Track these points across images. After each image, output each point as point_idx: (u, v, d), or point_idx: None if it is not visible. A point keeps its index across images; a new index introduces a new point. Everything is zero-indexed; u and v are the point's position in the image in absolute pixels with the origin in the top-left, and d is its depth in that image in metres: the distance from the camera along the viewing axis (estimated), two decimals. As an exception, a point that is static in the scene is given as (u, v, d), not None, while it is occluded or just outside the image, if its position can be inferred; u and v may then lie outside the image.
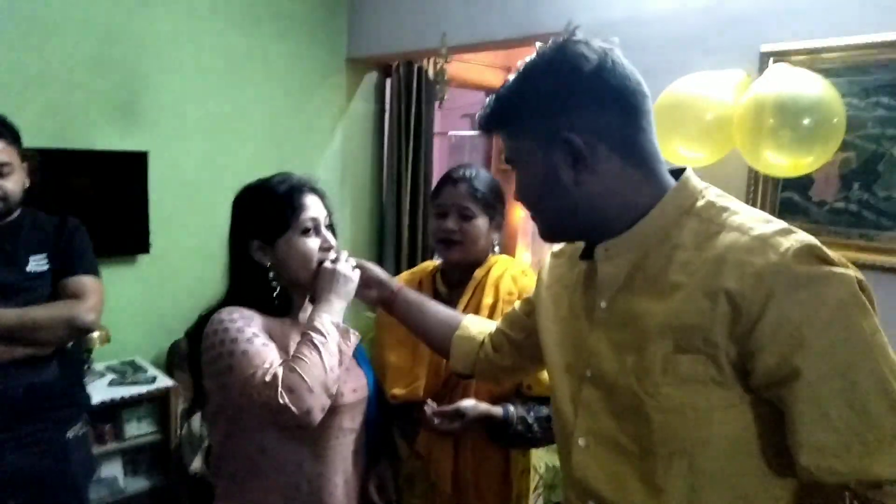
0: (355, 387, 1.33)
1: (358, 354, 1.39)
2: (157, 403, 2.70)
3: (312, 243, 1.27)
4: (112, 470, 2.58)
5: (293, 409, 1.07)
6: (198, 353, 1.21)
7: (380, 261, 3.79)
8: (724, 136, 1.92)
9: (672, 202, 0.85)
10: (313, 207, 1.28)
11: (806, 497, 0.81)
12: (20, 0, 2.50)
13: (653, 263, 0.84)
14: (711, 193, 0.87)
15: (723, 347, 0.76)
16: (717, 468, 0.79)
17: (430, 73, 3.50)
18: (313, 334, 1.16)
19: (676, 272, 0.81)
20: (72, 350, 1.81)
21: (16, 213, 1.75)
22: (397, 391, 1.47)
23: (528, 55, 0.90)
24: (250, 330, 1.17)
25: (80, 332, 1.76)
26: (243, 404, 1.16)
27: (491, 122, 0.93)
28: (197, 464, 2.61)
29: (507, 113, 0.90)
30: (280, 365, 1.12)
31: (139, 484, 2.67)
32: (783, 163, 1.82)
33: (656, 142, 0.88)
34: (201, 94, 3.02)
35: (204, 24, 3.00)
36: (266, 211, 1.27)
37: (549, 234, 0.95)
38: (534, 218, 0.95)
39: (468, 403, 1.35)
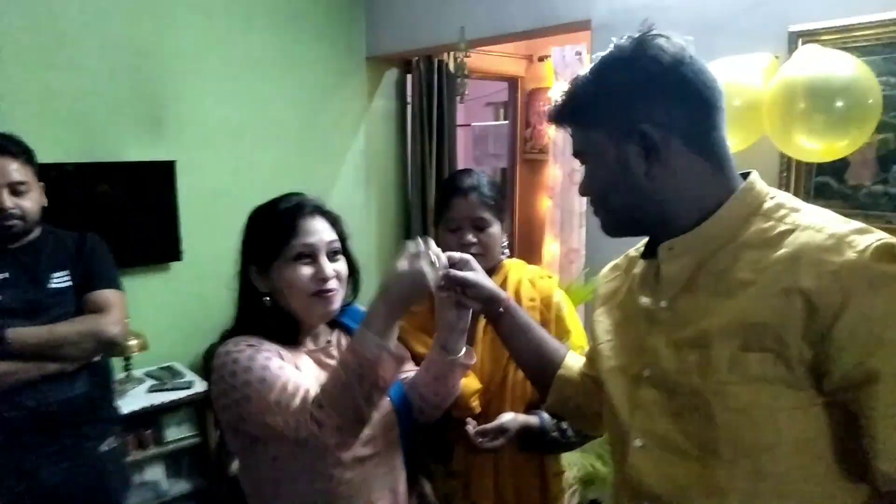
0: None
1: None
2: (195, 407, 2.75)
3: (304, 271, 1.17)
4: (154, 474, 2.64)
5: (322, 439, 1.04)
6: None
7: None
8: (754, 122, 1.86)
9: (741, 202, 0.85)
10: (311, 232, 1.19)
11: None
12: (46, 18, 2.54)
13: (718, 262, 0.84)
14: (781, 195, 0.87)
15: (795, 347, 0.74)
16: (782, 471, 0.77)
17: (451, 66, 3.47)
18: (350, 360, 1.05)
19: (744, 270, 0.81)
20: (100, 364, 1.84)
21: (36, 232, 1.78)
22: (454, 412, 1.39)
23: (550, 45, 0.90)
24: (262, 355, 1.12)
25: (106, 346, 1.79)
26: (267, 435, 1.12)
27: (564, 115, 0.93)
28: (236, 466, 2.65)
29: (581, 105, 0.90)
30: (306, 391, 1.07)
31: (181, 487, 2.72)
32: (817, 147, 1.75)
33: (727, 140, 0.88)
34: (224, 102, 3.05)
35: (222, 32, 3.02)
36: (260, 235, 1.22)
37: (614, 229, 0.94)
38: (597, 212, 0.95)
39: (508, 417, 1.34)
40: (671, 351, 0.86)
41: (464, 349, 1.25)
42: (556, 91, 3.79)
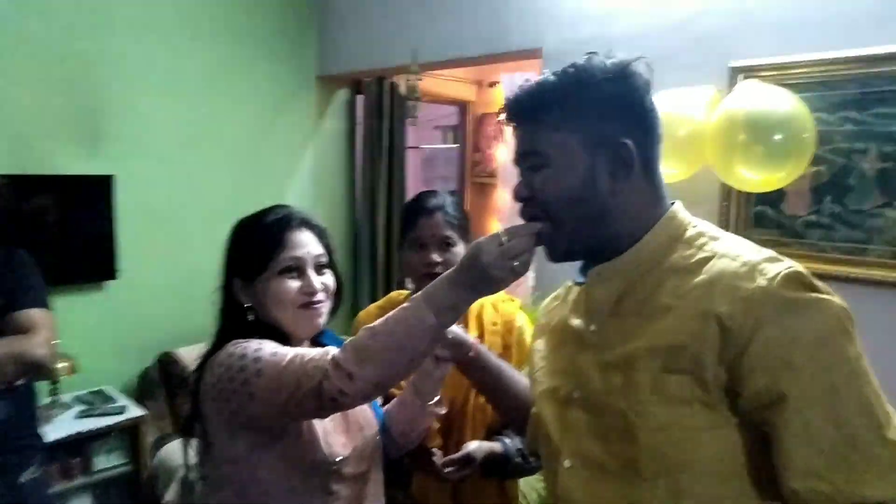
0: (363, 425, 1.22)
1: None
2: (127, 434, 2.62)
3: (291, 285, 1.15)
4: (81, 506, 2.49)
5: (349, 392, 0.95)
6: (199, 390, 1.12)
7: (355, 280, 3.75)
8: (696, 153, 1.93)
9: (664, 229, 0.88)
10: (299, 246, 1.17)
11: None
12: (-24, 22, 2.43)
13: (643, 288, 0.86)
14: (701, 224, 0.90)
15: (711, 369, 0.77)
16: (702, 490, 0.79)
17: (402, 88, 3.48)
18: (411, 323, 0.95)
19: (667, 295, 0.83)
20: (22, 388, 1.73)
21: None
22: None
23: (500, 71, 0.90)
24: (271, 343, 1.09)
25: (31, 369, 1.67)
26: (274, 421, 1.07)
27: (530, 110, 0.89)
28: (171, 495, 2.53)
29: (556, 104, 0.87)
30: (326, 350, 1.01)
31: (108, 520, 2.58)
32: (755, 178, 1.82)
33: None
34: (168, 116, 2.96)
35: (169, 44, 2.95)
36: (245, 248, 1.19)
37: (563, 249, 0.90)
38: (546, 231, 0.88)
39: (474, 446, 1.32)
40: (598, 373, 0.87)
41: (437, 397, 1.24)
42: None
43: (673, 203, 0.91)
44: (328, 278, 1.21)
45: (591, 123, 0.86)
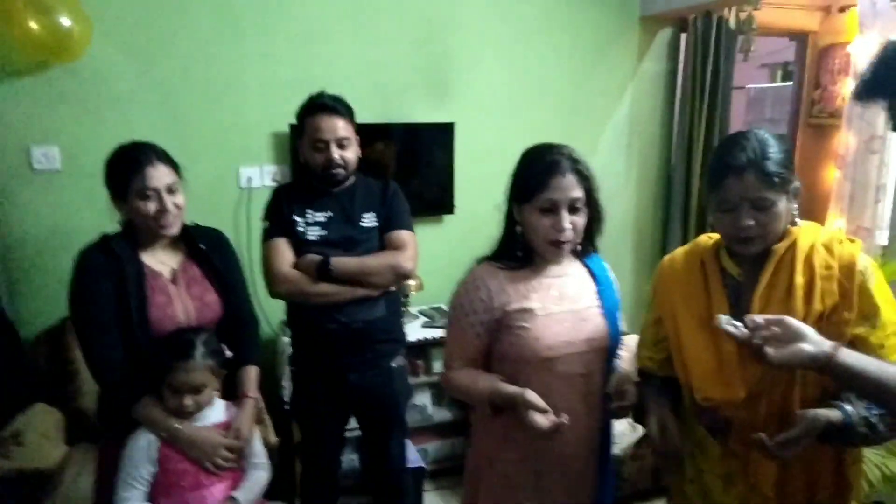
0: (589, 334, 1.49)
1: (604, 301, 1.53)
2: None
3: (544, 222, 1.43)
4: (422, 399, 3.00)
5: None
6: None
7: (665, 227, 3.69)
8: None
9: None
10: (558, 189, 1.41)
11: None
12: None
13: None
14: None
15: None
16: None
17: (732, 23, 3.24)
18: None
19: None
20: (394, 294, 2.15)
21: (352, 179, 2.10)
22: (713, 394, 1.34)
23: None
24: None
25: (401, 278, 2.09)
26: None
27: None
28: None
29: None
30: None
31: (443, 414, 3.06)
32: None
33: None
34: (499, 67, 3.25)
35: (500, 5, 3.20)
36: (520, 179, 1.49)
37: None
38: None
39: (810, 417, 1.18)
40: None
41: None
42: (861, 46, 3.31)
43: None
44: (579, 218, 1.45)
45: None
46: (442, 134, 3.15)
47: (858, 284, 1.24)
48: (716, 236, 1.43)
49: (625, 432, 2.80)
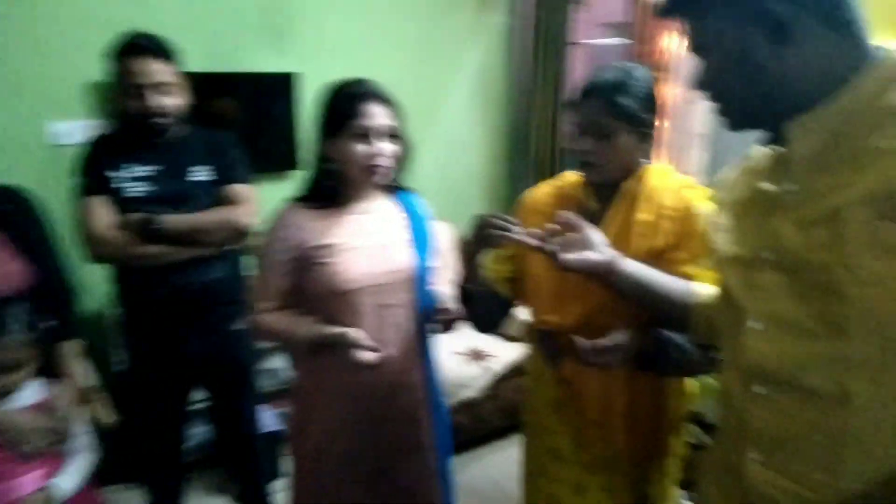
0: (396, 267, 1.53)
1: (415, 234, 1.57)
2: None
3: (360, 149, 1.44)
4: (275, 362, 2.90)
5: None
6: None
7: (513, 178, 3.80)
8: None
9: (879, 70, 0.80)
10: (370, 116, 1.43)
11: None
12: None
13: (854, 134, 0.80)
14: None
15: None
16: None
17: (568, -24, 3.33)
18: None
19: (885, 138, 0.77)
20: (233, 253, 2.02)
21: (183, 130, 1.92)
22: (549, 318, 1.41)
23: None
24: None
25: (240, 235, 1.95)
26: None
27: (678, 4, 0.90)
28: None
29: None
30: None
31: (299, 376, 2.98)
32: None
33: (861, 7, 0.82)
34: (344, 15, 3.11)
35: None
36: (327, 112, 1.48)
37: (740, 122, 0.91)
38: (719, 107, 0.92)
39: (622, 336, 1.26)
40: (797, 231, 0.84)
41: None
42: None
43: (881, 48, 0.82)
44: (394, 146, 1.47)
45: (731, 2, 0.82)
46: (285, 84, 2.97)
47: (695, 228, 1.32)
48: (577, 176, 1.49)
49: (477, 376, 2.87)
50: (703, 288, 1.18)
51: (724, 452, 1.02)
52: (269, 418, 2.63)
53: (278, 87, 2.97)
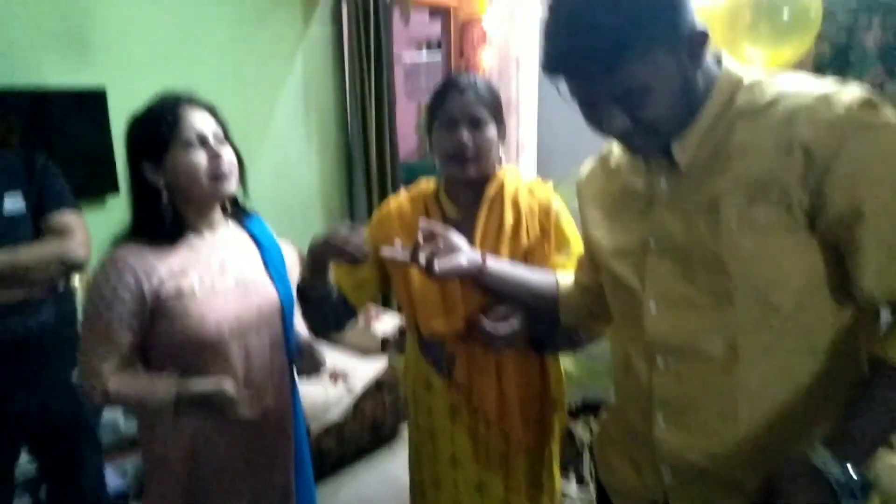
0: (259, 304, 1.39)
1: (270, 265, 1.45)
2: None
3: (200, 156, 1.27)
4: (111, 414, 2.56)
5: None
6: None
7: (350, 193, 3.76)
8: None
9: (726, 81, 0.93)
10: (196, 121, 1.28)
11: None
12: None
13: (716, 135, 0.92)
14: (751, 70, 0.95)
15: (795, 196, 0.84)
16: (787, 303, 0.88)
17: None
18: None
19: (743, 135, 0.89)
20: (65, 292, 1.77)
21: None
22: (436, 325, 1.40)
23: None
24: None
25: (71, 270, 1.72)
26: None
27: (607, 59, 0.84)
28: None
29: (627, 37, 0.83)
30: None
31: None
32: (761, 56, 1.88)
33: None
34: (151, 23, 2.86)
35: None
36: (146, 130, 1.28)
37: (658, 146, 0.95)
38: (642, 142, 0.94)
39: (513, 316, 1.32)
40: (679, 222, 0.95)
41: None
42: (493, 19, 3.78)
43: (720, 59, 0.96)
44: (230, 151, 1.32)
45: (664, 29, 0.85)
46: (90, 100, 2.65)
47: (554, 222, 1.43)
48: (432, 183, 1.51)
49: (340, 397, 2.80)
50: (566, 277, 1.31)
51: (627, 422, 1.11)
52: (109, 477, 2.31)
53: (83, 103, 2.65)
